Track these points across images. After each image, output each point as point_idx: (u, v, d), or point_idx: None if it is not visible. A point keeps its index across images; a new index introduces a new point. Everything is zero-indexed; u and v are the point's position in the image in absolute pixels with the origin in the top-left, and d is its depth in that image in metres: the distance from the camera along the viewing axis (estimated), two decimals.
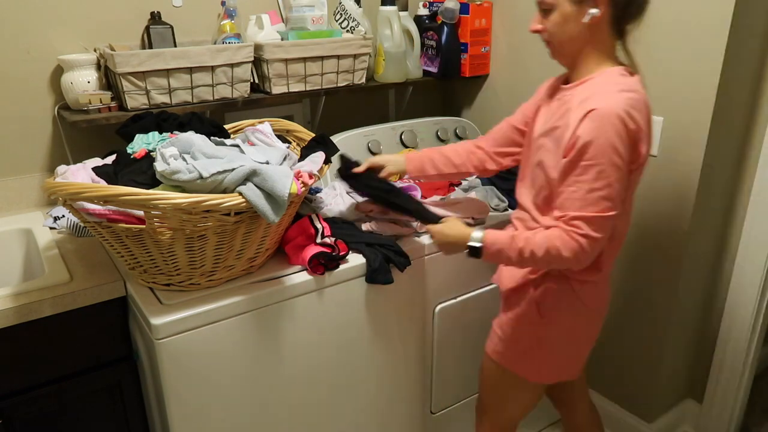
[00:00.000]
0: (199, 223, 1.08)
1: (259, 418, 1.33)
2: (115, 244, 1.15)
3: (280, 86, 1.69)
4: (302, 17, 1.73)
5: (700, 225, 1.66)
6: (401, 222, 1.46)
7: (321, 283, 1.32)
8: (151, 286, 1.22)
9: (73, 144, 1.64)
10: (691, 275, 1.73)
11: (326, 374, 1.41)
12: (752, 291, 1.70)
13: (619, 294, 1.86)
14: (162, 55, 1.46)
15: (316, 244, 1.31)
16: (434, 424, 1.69)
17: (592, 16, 1.12)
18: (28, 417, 1.23)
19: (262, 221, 1.17)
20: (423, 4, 2.06)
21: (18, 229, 1.50)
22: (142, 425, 1.38)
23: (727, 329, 1.79)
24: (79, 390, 1.27)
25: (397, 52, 1.91)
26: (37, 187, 1.63)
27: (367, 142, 1.82)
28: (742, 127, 1.63)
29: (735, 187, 1.71)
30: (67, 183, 1.05)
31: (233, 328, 1.22)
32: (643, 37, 1.64)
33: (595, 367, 2.01)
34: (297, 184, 1.11)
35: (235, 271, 1.24)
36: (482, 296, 1.64)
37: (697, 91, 1.53)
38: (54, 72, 1.58)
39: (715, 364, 1.86)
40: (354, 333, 1.42)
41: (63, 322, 1.21)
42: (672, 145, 1.61)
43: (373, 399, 1.53)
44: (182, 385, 1.20)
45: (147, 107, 1.51)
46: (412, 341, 1.54)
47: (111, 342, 1.29)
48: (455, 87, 2.26)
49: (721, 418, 1.87)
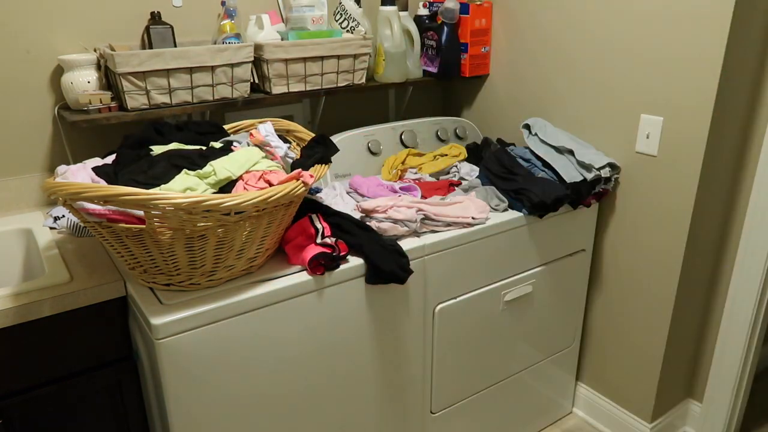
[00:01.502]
0: (199, 223, 1.08)
1: (259, 418, 1.33)
2: (115, 244, 1.15)
3: (280, 86, 1.70)
4: (302, 17, 1.73)
5: (699, 225, 1.66)
6: (402, 222, 1.46)
7: (321, 283, 1.32)
8: (151, 286, 1.22)
9: (73, 144, 1.64)
10: (691, 275, 1.73)
11: (326, 374, 1.41)
12: (752, 291, 1.70)
13: (619, 294, 1.86)
14: (162, 55, 1.46)
15: (317, 244, 1.31)
16: (434, 424, 1.69)
17: None
18: (28, 417, 1.23)
19: (263, 221, 1.17)
20: (423, 4, 2.06)
21: (18, 229, 1.50)
22: (142, 425, 1.38)
23: (727, 329, 1.80)
24: (79, 390, 1.27)
25: (397, 52, 1.91)
26: (37, 187, 1.63)
27: (367, 142, 1.82)
28: (742, 127, 1.63)
29: (735, 187, 1.71)
30: (67, 183, 1.05)
31: (233, 328, 1.22)
32: (643, 37, 1.65)
33: (595, 367, 2.01)
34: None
35: (235, 271, 1.24)
36: (482, 296, 1.64)
37: (697, 91, 1.53)
38: (54, 72, 1.58)
39: (715, 364, 1.86)
40: (354, 333, 1.42)
41: (63, 322, 1.21)
42: (672, 145, 1.61)
43: (373, 399, 1.53)
44: (182, 385, 1.20)
45: (147, 107, 1.51)
46: (412, 341, 1.54)
47: (111, 342, 1.29)
48: (455, 87, 2.26)
49: (721, 418, 1.88)
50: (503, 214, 1.63)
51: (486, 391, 1.78)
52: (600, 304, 1.94)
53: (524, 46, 1.94)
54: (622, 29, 1.65)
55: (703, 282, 1.80)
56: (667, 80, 1.57)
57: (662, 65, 1.57)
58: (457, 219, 1.52)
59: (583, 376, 2.06)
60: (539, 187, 1.62)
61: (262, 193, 1.09)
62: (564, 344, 1.95)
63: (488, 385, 1.78)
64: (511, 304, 1.71)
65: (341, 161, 1.73)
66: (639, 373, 1.86)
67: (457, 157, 1.88)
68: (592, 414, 2.05)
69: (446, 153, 1.91)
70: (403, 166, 1.83)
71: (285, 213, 1.23)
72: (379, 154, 1.84)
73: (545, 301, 1.81)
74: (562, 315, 1.89)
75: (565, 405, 2.08)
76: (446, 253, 1.51)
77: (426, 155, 1.89)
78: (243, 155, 1.24)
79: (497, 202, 1.64)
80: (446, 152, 1.92)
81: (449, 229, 1.52)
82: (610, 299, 1.90)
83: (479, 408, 1.78)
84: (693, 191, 1.59)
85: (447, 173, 1.84)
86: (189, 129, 1.39)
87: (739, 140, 1.65)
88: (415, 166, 1.83)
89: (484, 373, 1.75)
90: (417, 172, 1.81)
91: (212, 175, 1.16)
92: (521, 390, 1.89)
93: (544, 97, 1.92)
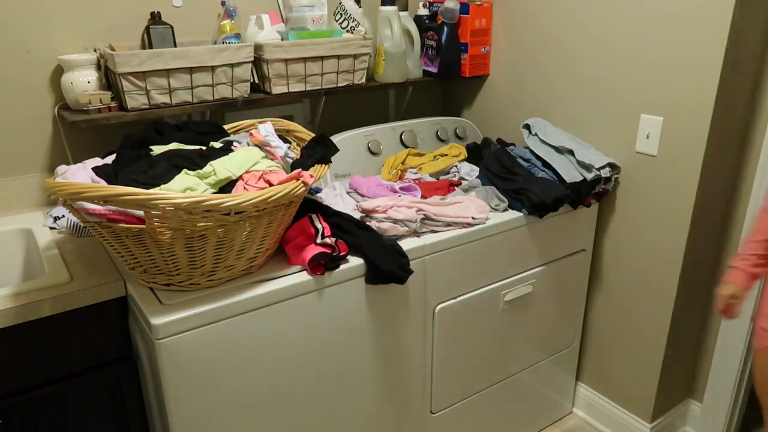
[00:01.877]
0: (199, 223, 1.08)
1: (259, 418, 1.33)
2: (115, 244, 1.15)
3: (280, 86, 1.69)
4: (302, 17, 1.73)
5: (700, 225, 1.66)
6: (402, 222, 1.46)
7: (321, 283, 1.32)
8: (151, 286, 1.22)
9: (73, 144, 1.64)
10: (691, 275, 1.73)
11: (326, 374, 1.41)
12: (752, 290, 1.70)
13: (619, 294, 1.86)
14: (162, 55, 1.46)
15: (317, 244, 1.31)
16: (434, 424, 1.69)
17: None
18: (28, 417, 1.23)
19: (263, 221, 1.17)
20: (423, 4, 2.06)
21: (18, 229, 1.50)
22: (142, 425, 1.38)
23: (727, 329, 1.80)
24: (79, 390, 1.27)
25: (397, 52, 1.90)
26: (37, 187, 1.63)
27: (367, 142, 1.82)
28: (742, 127, 1.63)
29: (735, 187, 1.71)
30: (67, 183, 1.05)
31: (233, 328, 1.22)
32: (643, 37, 1.65)
33: (595, 367, 2.01)
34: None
35: (235, 271, 1.24)
36: (482, 296, 1.64)
37: (697, 91, 1.53)
38: (54, 72, 1.58)
39: (715, 364, 1.86)
40: (354, 333, 1.42)
41: (63, 322, 1.21)
42: (672, 145, 1.61)
43: (373, 399, 1.53)
44: (182, 385, 1.20)
45: (147, 107, 1.51)
46: (412, 341, 1.54)
47: (111, 342, 1.29)
48: (455, 87, 2.26)
49: (721, 418, 1.88)
50: (503, 214, 1.63)
51: (486, 391, 1.78)
52: (600, 304, 1.94)
53: (524, 46, 1.94)
54: (622, 29, 1.65)
55: (703, 282, 1.80)
56: (667, 80, 1.57)
57: (662, 65, 1.57)
58: (457, 219, 1.52)
59: (583, 376, 2.06)
60: (539, 187, 1.62)
61: (262, 193, 1.09)
62: (564, 344, 1.95)
63: (488, 385, 1.78)
64: (511, 304, 1.71)
65: (341, 161, 1.73)
66: (639, 373, 1.86)
67: (457, 157, 1.88)
68: (592, 414, 2.05)
69: (446, 153, 1.91)
70: (403, 166, 1.83)
71: (285, 213, 1.23)
72: (379, 154, 1.84)
73: (545, 301, 1.81)
74: (562, 315, 1.89)
75: (565, 405, 2.08)
76: (446, 253, 1.51)
77: (426, 155, 1.89)
78: (243, 155, 1.24)
79: (497, 202, 1.64)
80: (446, 152, 1.92)
81: (449, 229, 1.52)
82: (610, 299, 1.90)
83: (479, 408, 1.78)
84: (693, 191, 1.59)
85: (447, 173, 1.84)
86: (189, 129, 1.39)
87: (739, 140, 1.65)
88: (415, 166, 1.83)
89: (484, 373, 1.75)
90: (417, 172, 1.81)
91: (212, 175, 1.16)
92: (521, 390, 1.89)
93: (544, 97, 1.92)
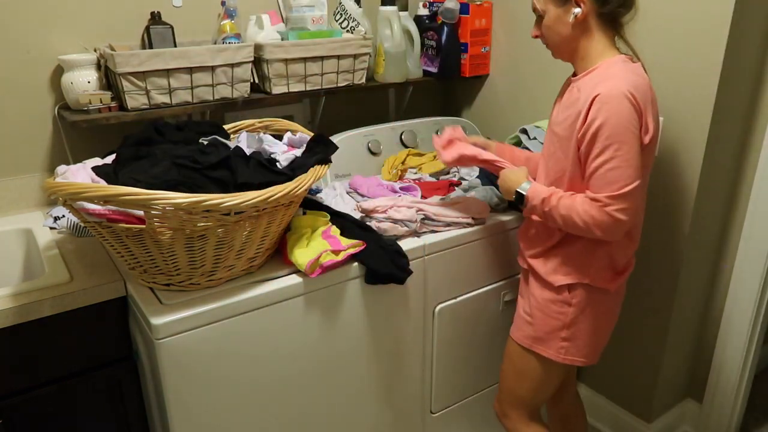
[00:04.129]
0: (199, 223, 1.08)
1: (259, 418, 1.33)
2: (115, 244, 1.15)
3: (281, 86, 1.70)
4: (302, 17, 1.73)
5: (699, 225, 1.66)
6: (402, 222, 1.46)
7: (321, 283, 1.32)
8: (151, 286, 1.22)
9: (73, 144, 1.64)
10: (691, 275, 1.73)
11: (326, 374, 1.41)
12: (752, 290, 1.70)
13: None
14: (162, 55, 1.46)
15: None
16: (434, 424, 1.69)
17: (576, 15, 1.21)
18: (28, 417, 1.23)
19: (262, 221, 1.17)
20: (423, 4, 2.06)
21: (18, 229, 1.50)
22: (142, 425, 1.38)
23: (727, 329, 1.80)
24: (79, 390, 1.27)
25: (397, 52, 1.91)
26: (37, 187, 1.63)
27: (367, 142, 1.82)
28: (742, 127, 1.63)
29: (735, 187, 1.71)
30: (67, 183, 1.05)
31: (233, 328, 1.22)
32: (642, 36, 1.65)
33: (595, 367, 2.01)
34: None
35: (235, 271, 1.24)
36: (482, 296, 1.64)
37: (697, 91, 1.53)
38: (54, 72, 1.58)
39: (714, 364, 1.86)
40: (354, 333, 1.42)
41: (63, 322, 1.21)
42: (672, 145, 1.61)
43: (373, 399, 1.53)
44: (182, 385, 1.20)
45: (147, 107, 1.51)
46: (412, 341, 1.54)
47: (111, 342, 1.29)
48: (455, 87, 2.26)
49: (721, 418, 1.87)
50: (503, 214, 1.63)
51: (486, 391, 1.78)
52: None
53: (524, 46, 1.94)
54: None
55: (703, 282, 1.80)
56: (667, 80, 1.57)
57: (662, 66, 1.57)
58: (457, 219, 1.52)
59: (583, 376, 2.06)
60: None
61: (262, 193, 1.09)
62: None
63: (488, 385, 1.78)
64: (511, 305, 1.71)
65: (341, 161, 1.72)
66: (639, 373, 1.86)
67: None
68: (592, 414, 2.05)
69: None
70: (403, 166, 1.82)
71: (285, 213, 1.23)
72: (379, 154, 1.84)
73: None
74: None
75: None
76: (446, 253, 1.51)
77: (426, 155, 1.89)
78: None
79: (497, 202, 1.64)
80: None
81: (449, 229, 1.52)
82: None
83: (479, 408, 1.78)
84: (693, 191, 1.59)
85: (447, 173, 1.84)
86: (189, 129, 1.38)
87: (739, 140, 1.65)
88: (415, 166, 1.83)
89: (485, 373, 1.75)
90: (417, 172, 1.81)
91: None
92: None
93: (544, 97, 1.91)
